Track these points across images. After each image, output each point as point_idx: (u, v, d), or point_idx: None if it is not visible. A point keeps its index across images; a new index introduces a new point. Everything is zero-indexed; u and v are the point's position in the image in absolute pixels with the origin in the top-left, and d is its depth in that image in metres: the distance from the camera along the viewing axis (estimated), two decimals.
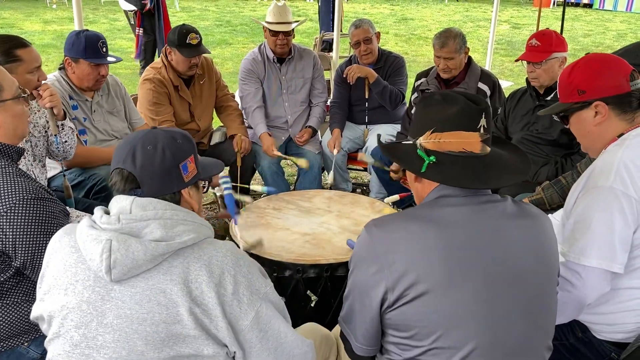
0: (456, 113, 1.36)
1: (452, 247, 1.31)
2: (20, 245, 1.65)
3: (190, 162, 1.37)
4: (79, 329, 1.25)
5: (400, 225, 1.35)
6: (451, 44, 3.30)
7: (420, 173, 1.38)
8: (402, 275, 1.30)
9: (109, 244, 1.20)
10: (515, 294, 1.34)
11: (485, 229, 1.34)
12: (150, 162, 1.30)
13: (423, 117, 1.42)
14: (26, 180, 1.71)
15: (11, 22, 12.42)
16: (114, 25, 12.66)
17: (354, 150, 4.01)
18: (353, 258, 1.43)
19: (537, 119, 2.96)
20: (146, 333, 1.21)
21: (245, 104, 3.78)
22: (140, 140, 1.32)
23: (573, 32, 13.30)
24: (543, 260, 1.40)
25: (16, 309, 1.73)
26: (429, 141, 1.38)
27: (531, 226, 1.40)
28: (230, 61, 9.02)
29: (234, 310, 1.26)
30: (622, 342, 1.75)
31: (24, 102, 1.88)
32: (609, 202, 1.62)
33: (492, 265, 1.32)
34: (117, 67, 8.78)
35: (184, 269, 1.24)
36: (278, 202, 2.78)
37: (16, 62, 2.39)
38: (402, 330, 1.35)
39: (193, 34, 3.36)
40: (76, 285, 1.26)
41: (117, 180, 1.32)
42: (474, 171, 1.36)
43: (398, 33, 12.95)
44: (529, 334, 1.38)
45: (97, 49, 2.90)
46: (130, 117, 3.27)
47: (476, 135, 1.36)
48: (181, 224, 1.27)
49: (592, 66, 1.79)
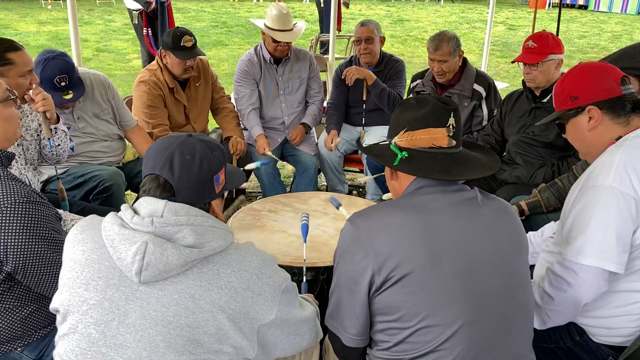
0: (427, 113, 1.49)
1: (433, 230, 1.40)
2: (11, 250, 1.63)
3: (221, 174, 1.40)
4: (99, 326, 1.24)
5: (382, 212, 1.46)
6: (445, 47, 3.29)
7: (393, 166, 1.49)
8: (386, 258, 1.38)
9: (144, 246, 1.21)
10: (493, 272, 1.43)
11: (461, 212, 1.45)
12: (187, 173, 1.31)
13: (398, 119, 1.54)
14: (17, 184, 1.69)
15: (6, 23, 12.37)
16: (110, 27, 12.62)
17: (350, 152, 4.00)
18: (338, 250, 1.50)
19: (533, 121, 2.96)
20: (169, 336, 1.22)
21: (240, 106, 3.77)
22: (178, 148, 1.33)
23: (568, 33, 13.34)
24: (516, 242, 1.51)
25: (8, 315, 1.71)
26: (402, 139, 1.50)
27: (498, 209, 1.51)
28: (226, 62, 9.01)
29: (259, 309, 1.31)
30: (619, 346, 1.75)
31: (13, 105, 1.86)
32: (607, 201, 1.62)
33: (471, 245, 1.42)
34: (112, 67, 8.77)
35: (214, 275, 1.26)
36: (274, 204, 2.77)
37: (8, 65, 2.36)
38: (390, 313, 1.41)
39: (187, 37, 3.34)
40: (98, 282, 1.26)
41: (152, 186, 1.32)
42: (444, 165, 1.47)
43: (394, 34, 12.96)
44: (510, 311, 1.45)
45: (53, 84, 2.73)
46: (120, 119, 3.20)
47: (443, 130, 1.48)
48: (210, 231, 1.29)
49: (583, 73, 1.84)
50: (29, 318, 1.74)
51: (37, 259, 1.67)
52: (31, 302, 1.74)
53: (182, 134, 1.39)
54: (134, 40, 11.13)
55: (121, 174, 2.95)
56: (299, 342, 1.46)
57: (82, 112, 3.03)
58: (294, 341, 1.44)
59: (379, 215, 1.45)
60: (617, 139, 1.75)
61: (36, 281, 1.70)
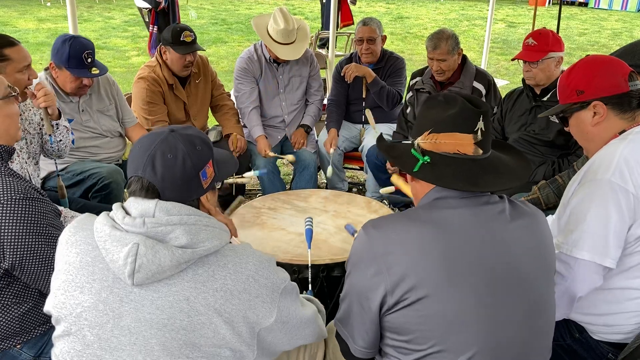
0: (454, 115, 1.36)
1: (452, 251, 1.30)
2: (9, 246, 1.62)
3: (208, 167, 1.34)
4: (93, 329, 1.23)
5: (398, 227, 1.34)
6: (443, 46, 3.27)
7: (413, 172, 1.38)
8: (401, 278, 1.28)
9: (135, 248, 1.18)
10: (515, 297, 1.34)
11: (484, 231, 1.33)
12: (171, 173, 1.27)
13: (423, 118, 1.43)
14: (15, 179, 1.69)
15: (5, 20, 12.35)
16: (109, 24, 12.60)
17: (350, 149, 4.00)
18: (350, 259, 1.42)
19: (533, 120, 2.96)
20: (165, 339, 1.20)
21: (240, 104, 3.76)
22: (159, 147, 1.28)
23: (568, 30, 13.32)
24: (541, 261, 1.40)
25: (7, 312, 1.71)
26: (426, 141, 1.38)
27: (529, 225, 1.40)
28: (225, 59, 8.99)
29: (258, 312, 1.27)
30: (619, 343, 1.74)
31: (15, 101, 1.86)
32: (606, 196, 1.61)
33: (492, 268, 1.32)
34: (112, 64, 8.75)
35: (209, 277, 1.23)
36: (274, 202, 2.77)
37: (5, 62, 2.36)
38: (402, 333, 1.34)
39: (187, 32, 3.35)
40: (93, 285, 1.24)
41: (136, 188, 1.28)
42: (468, 174, 1.35)
43: (394, 32, 12.93)
44: (530, 337, 1.37)
45: (81, 59, 2.81)
46: (122, 116, 3.24)
47: (469, 137, 1.35)
48: (204, 230, 1.25)
49: (590, 67, 1.80)
50: (28, 315, 1.74)
51: (35, 255, 1.66)
52: (29, 298, 1.74)
53: (164, 129, 1.34)
54: (133, 37, 11.14)
55: (120, 172, 2.95)
56: (301, 342, 1.45)
57: (87, 106, 3.05)
58: (295, 342, 1.42)
59: (396, 228, 1.34)
60: (621, 133, 1.74)
61: (34, 277, 1.69)
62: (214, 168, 1.39)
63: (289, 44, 3.54)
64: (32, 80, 2.47)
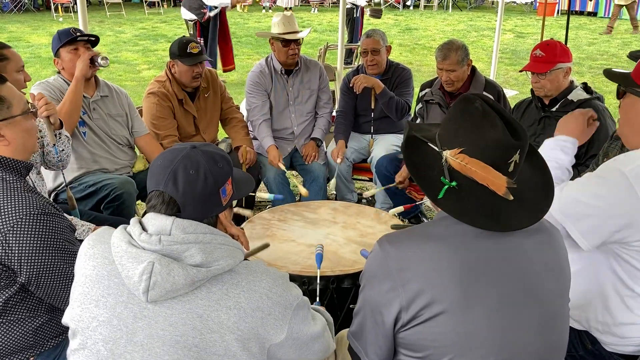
0: (490, 143, 1.27)
1: (468, 266, 1.28)
2: (26, 261, 1.64)
3: (228, 185, 1.35)
4: (107, 343, 1.23)
5: (414, 243, 1.33)
6: (453, 56, 3.28)
7: (437, 199, 1.32)
8: (416, 295, 1.27)
9: (150, 266, 1.19)
10: (530, 312, 1.32)
11: (500, 246, 1.31)
12: (192, 188, 1.27)
13: (456, 124, 1.34)
14: (33, 195, 1.70)
15: (18, 36, 12.53)
16: (120, 38, 12.75)
17: (359, 160, 4.01)
18: (365, 274, 1.41)
19: (542, 130, 2.95)
20: (177, 356, 1.20)
21: (252, 117, 3.79)
22: (181, 163, 1.28)
23: (577, 40, 13.30)
24: (556, 276, 1.38)
25: (21, 325, 1.72)
26: (455, 160, 1.30)
27: (546, 241, 1.38)
28: (234, 72, 9.04)
29: (270, 329, 1.27)
30: (632, 355, 1.73)
31: (32, 117, 1.89)
32: (613, 184, 1.57)
33: (508, 283, 1.30)
34: (123, 78, 8.84)
35: (222, 295, 1.24)
36: (283, 214, 2.78)
37: (4, 61, 2.46)
38: (416, 350, 1.32)
39: (193, 43, 3.40)
40: (108, 299, 1.25)
41: (157, 202, 1.28)
42: (493, 208, 1.30)
43: (402, 43, 12.98)
44: (544, 352, 1.36)
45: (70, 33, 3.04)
46: (132, 125, 3.28)
47: (504, 180, 1.27)
48: (219, 249, 1.26)
49: None
50: (41, 329, 1.75)
51: (50, 271, 1.68)
52: (43, 313, 1.75)
53: (186, 145, 1.35)
54: (144, 51, 11.25)
55: (132, 182, 2.98)
56: (310, 357, 1.44)
57: (98, 106, 3.10)
58: (305, 358, 1.42)
59: (412, 244, 1.32)
60: None
61: (49, 292, 1.71)
62: (233, 185, 1.39)
63: (293, 32, 3.68)
64: (26, 82, 2.59)
